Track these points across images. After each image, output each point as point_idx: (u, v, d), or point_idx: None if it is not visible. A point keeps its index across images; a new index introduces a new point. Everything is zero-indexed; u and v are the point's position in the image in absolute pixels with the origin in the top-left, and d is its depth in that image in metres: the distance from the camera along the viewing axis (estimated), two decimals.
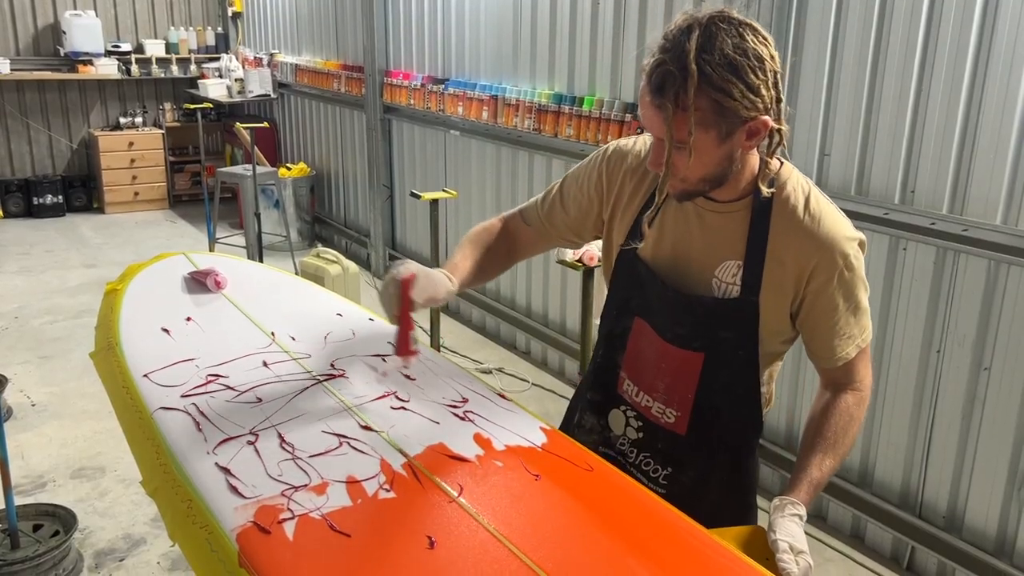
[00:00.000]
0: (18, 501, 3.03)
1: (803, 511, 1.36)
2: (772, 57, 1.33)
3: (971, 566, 2.87)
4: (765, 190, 1.44)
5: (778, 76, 1.35)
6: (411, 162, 6.09)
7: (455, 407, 1.64)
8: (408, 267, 1.54)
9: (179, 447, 1.47)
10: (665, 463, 1.63)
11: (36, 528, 3.04)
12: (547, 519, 1.33)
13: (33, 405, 4.25)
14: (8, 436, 2.92)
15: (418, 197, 3.75)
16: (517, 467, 1.45)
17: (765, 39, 1.33)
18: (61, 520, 3.08)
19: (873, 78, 2.99)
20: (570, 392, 4.49)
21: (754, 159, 1.45)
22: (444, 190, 3.81)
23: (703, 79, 1.28)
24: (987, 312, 2.78)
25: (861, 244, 1.47)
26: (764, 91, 1.32)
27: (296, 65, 7.51)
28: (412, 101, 5.77)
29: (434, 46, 5.63)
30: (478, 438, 1.53)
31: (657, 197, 1.45)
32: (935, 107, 2.82)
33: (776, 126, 1.38)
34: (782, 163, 1.49)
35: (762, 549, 1.30)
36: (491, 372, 4.83)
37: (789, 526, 1.32)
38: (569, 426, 1.80)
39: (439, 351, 3.63)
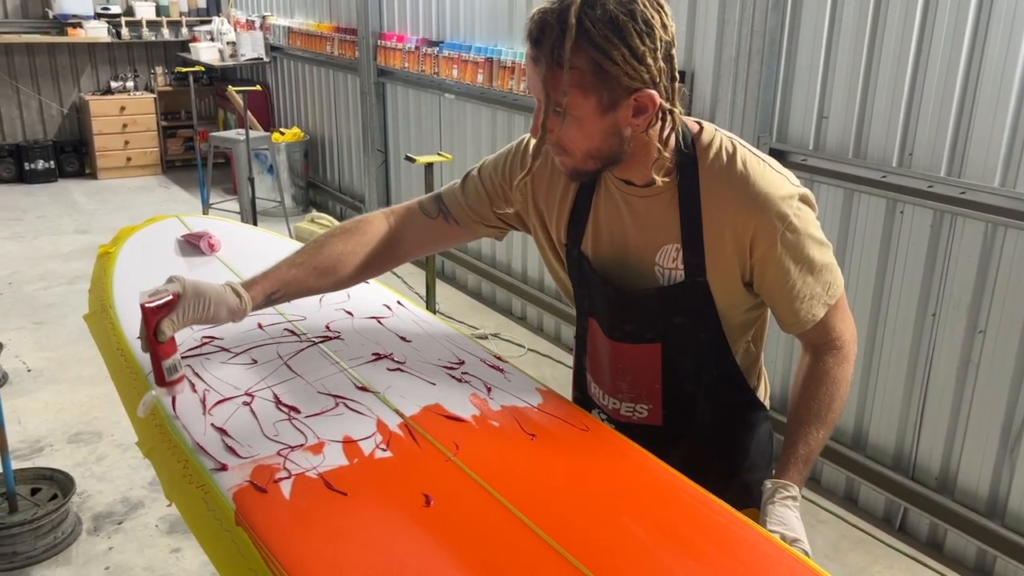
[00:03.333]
0: (15, 465, 3.04)
1: (796, 492, 1.32)
2: (664, 26, 1.24)
3: (963, 527, 2.90)
4: (658, 178, 1.32)
5: (671, 49, 1.26)
6: (405, 126, 6.04)
7: (451, 369, 1.64)
8: (174, 286, 1.39)
9: (174, 408, 1.47)
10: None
11: (34, 492, 3.05)
12: (543, 478, 1.33)
13: (29, 370, 4.25)
14: (4, 401, 2.92)
15: (413, 161, 3.73)
16: (513, 427, 1.45)
17: (659, 6, 1.24)
18: (59, 484, 3.09)
19: (872, 39, 2.96)
20: (565, 357, 4.52)
21: (651, 139, 1.33)
22: (439, 154, 3.78)
23: (581, 34, 1.20)
24: (983, 275, 2.78)
25: (804, 199, 1.36)
26: (650, 60, 1.22)
27: (289, 28, 7.41)
28: (406, 64, 5.70)
29: (428, 8, 5.55)
30: (474, 399, 1.53)
31: (531, 162, 1.36)
32: (934, 69, 2.79)
33: (667, 105, 1.27)
34: (701, 126, 1.39)
35: None
36: (487, 337, 4.84)
37: (781, 512, 1.28)
38: None
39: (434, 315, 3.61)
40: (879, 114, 2.98)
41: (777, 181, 1.35)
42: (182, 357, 1.50)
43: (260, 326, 1.78)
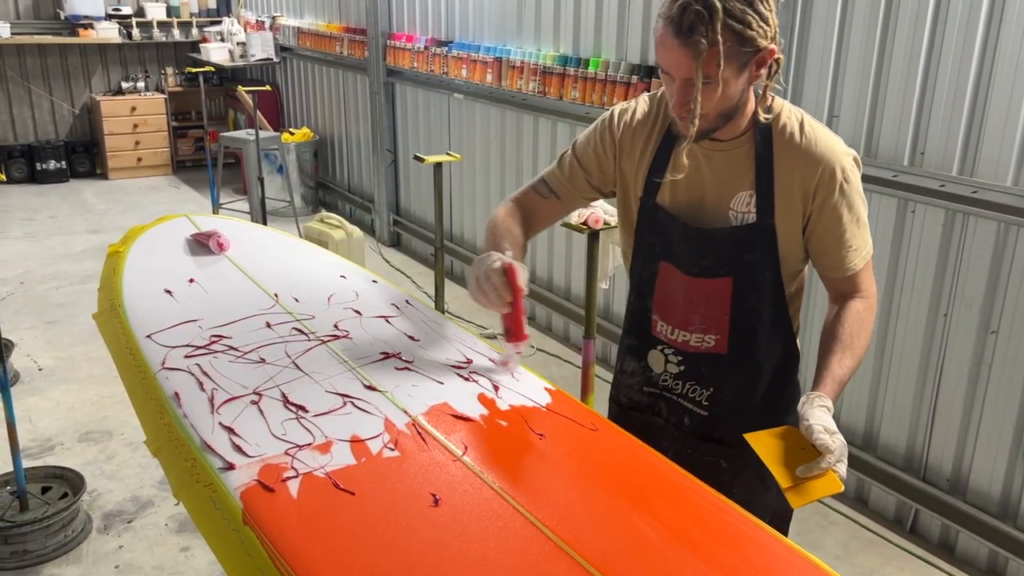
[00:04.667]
0: (26, 464, 3.05)
1: (830, 403, 1.43)
2: None
3: (975, 528, 2.88)
4: (763, 116, 1.54)
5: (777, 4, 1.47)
6: (415, 126, 6.04)
7: (459, 368, 1.64)
8: (496, 258, 1.58)
9: (182, 406, 1.47)
10: (708, 384, 1.69)
11: (45, 490, 3.07)
12: (552, 478, 1.33)
13: (40, 369, 4.27)
14: (16, 400, 2.94)
15: (422, 160, 3.72)
16: (521, 427, 1.44)
17: None
18: (69, 482, 3.10)
19: (884, 38, 2.94)
20: (574, 357, 4.51)
21: (751, 93, 1.55)
22: (448, 153, 3.78)
23: (727, 13, 1.38)
24: (995, 275, 2.76)
25: (856, 161, 1.58)
26: (772, 20, 1.43)
27: (298, 28, 7.43)
28: (415, 64, 5.70)
29: (437, 8, 5.55)
30: (482, 398, 1.52)
31: (692, 129, 1.48)
32: (946, 68, 2.77)
33: (780, 56, 1.48)
34: (773, 97, 1.57)
35: (796, 441, 1.36)
36: (495, 337, 4.83)
37: (819, 414, 1.38)
38: (617, 375, 1.87)
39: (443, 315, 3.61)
40: (890, 113, 2.96)
41: (837, 140, 1.58)
42: (187, 357, 1.50)
43: (268, 325, 1.78)
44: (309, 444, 1.36)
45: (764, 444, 1.37)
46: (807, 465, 1.31)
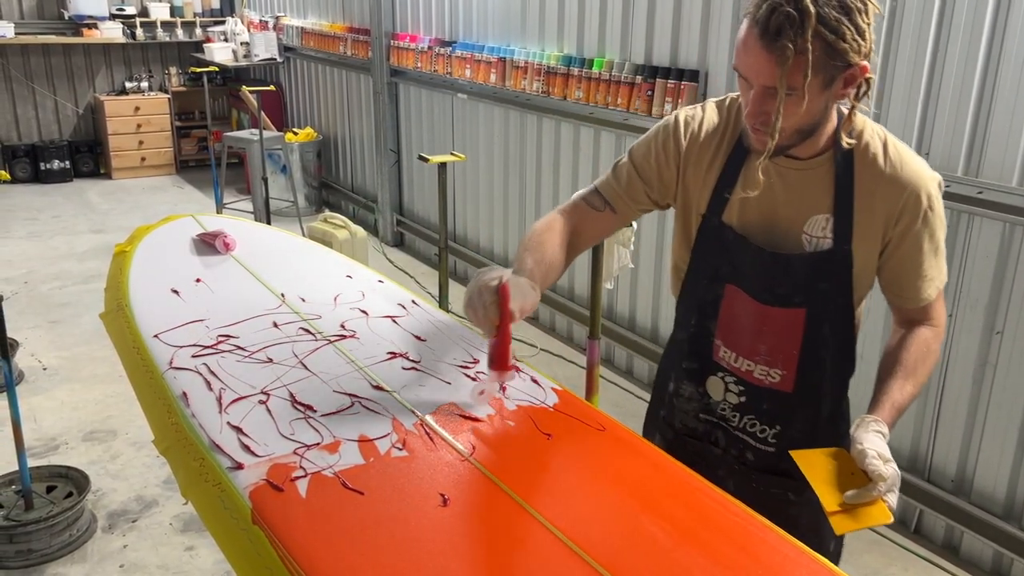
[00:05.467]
0: (31, 463, 3.06)
1: (886, 429, 1.37)
2: (873, 1, 1.33)
3: (979, 529, 2.88)
4: (846, 141, 1.43)
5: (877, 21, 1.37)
6: (418, 126, 6.05)
7: (466, 368, 1.64)
8: (498, 273, 1.44)
9: (190, 406, 1.47)
10: (772, 422, 1.61)
11: (49, 489, 3.07)
12: (560, 478, 1.33)
13: (44, 369, 4.28)
14: (20, 399, 2.94)
15: (426, 160, 3.72)
16: (529, 427, 1.44)
17: None
18: (74, 482, 3.11)
19: (888, 37, 2.94)
20: (577, 357, 4.51)
21: (833, 112, 1.45)
22: (452, 153, 3.78)
23: (820, 20, 1.27)
24: (1000, 276, 2.75)
25: (940, 184, 1.49)
26: (869, 35, 1.32)
27: (302, 28, 7.43)
28: (419, 64, 5.71)
29: (441, 7, 5.56)
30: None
31: (769, 143, 1.38)
32: (951, 68, 2.77)
33: (872, 75, 1.37)
34: (856, 118, 1.48)
35: (846, 465, 1.31)
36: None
37: (873, 439, 1.33)
38: (663, 395, 1.77)
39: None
40: (895, 113, 2.96)
41: (923, 164, 1.48)
42: (195, 356, 1.50)
43: (275, 325, 1.78)
44: (317, 444, 1.36)
45: (812, 464, 1.31)
46: (857, 491, 1.26)
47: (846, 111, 1.45)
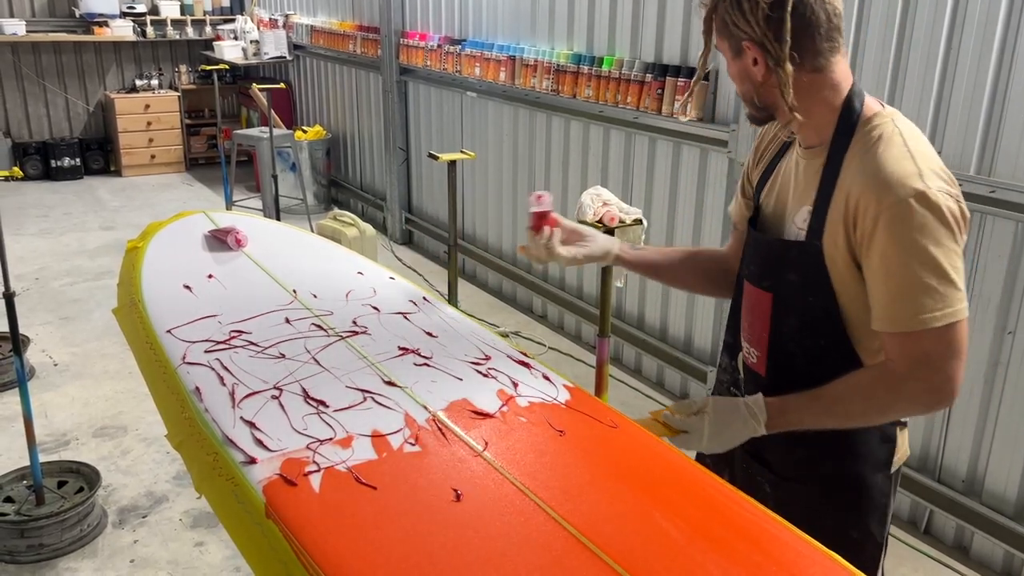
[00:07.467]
0: (42, 459, 3.07)
1: (760, 417, 1.41)
2: None
3: (990, 530, 2.86)
4: (787, 117, 1.45)
5: (785, 15, 1.33)
6: (427, 125, 6.05)
7: (478, 364, 1.64)
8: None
9: (203, 401, 1.48)
10: None
11: (60, 485, 3.09)
12: (572, 474, 1.33)
13: (55, 365, 4.29)
14: (31, 395, 2.95)
15: (436, 158, 3.72)
16: (541, 423, 1.44)
17: None
18: (85, 477, 3.12)
19: (901, 37, 2.92)
20: (586, 356, 4.51)
21: (836, 100, 1.42)
22: (463, 151, 3.78)
23: None
24: (1013, 275, 2.74)
25: (923, 198, 1.28)
26: (750, 15, 1.35)
27: (311, 26, 7.44)
28: (428, 62, 5.71)
29: (451, 6, 5.56)
30: (502, 394, 1.53)
31: (744, 108, 1.54)
32: (964, 66, 2.76)
33: (770, 61, 1.37)
34: (882, 106, 1.43)
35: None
36: (508, 336, 4.83)
37: (720, 402, 1.45)
38: (718, 370, 1.82)
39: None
40: (907, 111, 2.89)
41: (908, 171, 1.30)
42: (208, 351, 1.50)
43: (288, 321, 1.79)
44: (330, 439, 1.36)
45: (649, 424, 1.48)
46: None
47: (866, 101, 1.43)
